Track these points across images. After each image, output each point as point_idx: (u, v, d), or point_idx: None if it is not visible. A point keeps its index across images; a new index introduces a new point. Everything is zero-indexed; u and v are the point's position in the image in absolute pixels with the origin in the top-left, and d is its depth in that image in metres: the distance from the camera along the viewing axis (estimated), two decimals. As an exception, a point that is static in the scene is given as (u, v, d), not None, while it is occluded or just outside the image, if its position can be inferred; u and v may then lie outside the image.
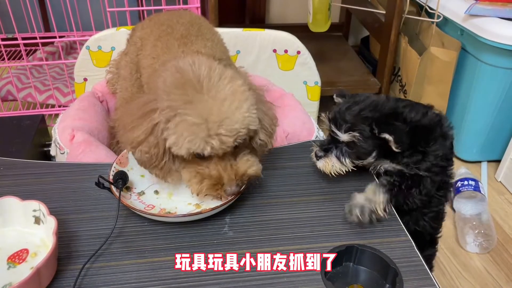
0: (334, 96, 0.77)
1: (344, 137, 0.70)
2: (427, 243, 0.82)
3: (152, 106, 0.64)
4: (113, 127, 1.02)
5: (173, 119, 0.61)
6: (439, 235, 0.85)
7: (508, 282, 1.15)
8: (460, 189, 1.33)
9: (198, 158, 0.64)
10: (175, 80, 0.64)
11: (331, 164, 0.71)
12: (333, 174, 0.72)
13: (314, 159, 0.73)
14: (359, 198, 0.68)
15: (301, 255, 0.62)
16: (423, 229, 0.78)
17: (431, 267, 0.77)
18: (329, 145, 0.72)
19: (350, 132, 0.69)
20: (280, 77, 1.24)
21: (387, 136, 0.67)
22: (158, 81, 0.67)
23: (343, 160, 0.71)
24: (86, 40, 1.20)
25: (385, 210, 0.67)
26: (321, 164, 0.72)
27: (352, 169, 0.72)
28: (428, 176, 0.70)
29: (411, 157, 0.70)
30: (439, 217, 0.81)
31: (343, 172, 0.72)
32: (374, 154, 0.71)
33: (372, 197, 0.68)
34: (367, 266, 0.64)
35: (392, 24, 1.46)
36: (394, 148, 0.68)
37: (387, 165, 0.72)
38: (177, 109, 0.61)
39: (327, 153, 0.72)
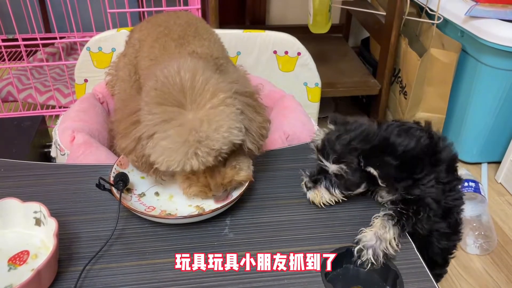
0: (328, 122, 0.73)
1: (332, 167, 0.67)
2: (437, 264, 0.79)
3: (137, 117, 0.65)
4: (112, 129, 1.02)
5: (152, 139, 0.62)
6: (452, 255, 0.81)
7: (508, 284, 1.15)
8: (460, 190, 1.33)
9: None
10: (156, 94, 0.64)
11: (320, 196, 0.70)
12: (322, 205, 0.71)
13: (304, 189, 0.71)
14: (369, 237, 0.63)
15: (301, 256, 0.62)
16: (435, 254, 0.75)
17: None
18: (319, 176, 0.70)
19: (337, 164, 0.67)
20: (280, 78, 1.24)
21: (372, 170, 0.65)
22: (144, 89, 0.68)
23: (333, 191, 0.70)
24: (86, 41, 1.20)
25: (397, 245, 0.63)
26: (311, 195, 0.71)
27: (342, 200, 0.70)
28: (428, 197, 0.66)
29: (402, 183, 0.66)
30: (451, 238, 0.76)
31: (333, 203, 0.71)
32: (363, 186, 0.69)
33: (382, 234, 0.63)
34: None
35: (393, 25, 1.46)
36: (380, 183, 0.66)
37: (384, 193, 0.70)
38: (156, 128, 0.62)
39: (316, 184, 0.70)
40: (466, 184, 1.33)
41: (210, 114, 0.62)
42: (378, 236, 0.63)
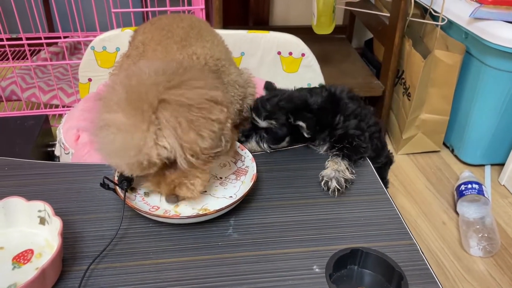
0: (263, 88, 0.91)
1: (262, 123, 0.82)
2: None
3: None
4: None
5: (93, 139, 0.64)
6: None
7: (511, 286, 1.14)
8: (463, 192, 1.33)
9: None
10: (104, 97, 0.64)
11: (249, 147, 0.82)
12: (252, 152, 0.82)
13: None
14: (328, 172, 0.76)
15: (306, 257, 0.62)
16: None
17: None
18: (250, 132, 0.84)
19: (268, 119, 0.81)
20: (284, 79, 1.24)
21: (301, 123, 0.80)
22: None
23: (262, 144, 0.83)
24: (90, 41, 1.20)
25: (352, 173, 0.77)
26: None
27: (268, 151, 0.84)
28: (350, 129, 0.83)
29: (325, 131, 0.83)
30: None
31: (261, 150, 0.84)
32: (287, 139, 0.84)
33: (337, 167, 0.77)
34: (372, 269, 0.63)
35: (397, 26, 1.46)
36: (305, 134, 0.81)
37: (319, 145, 0.85)
38: (94, 132, 0.63)
39: (248, 139, 0.84)
40: (469, 186, 1.33)
41: (128, 127, 0.60)
42: (334, 169, 0.76)
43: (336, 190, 0.74)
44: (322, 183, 0.75)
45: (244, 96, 0.90)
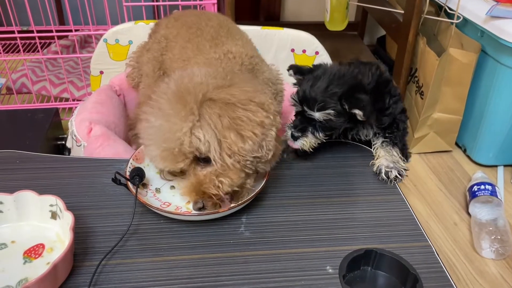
0: (292, 73, 0.81)
1: (317, 115, 0.74)
2: None
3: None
4: (131, 121, 1.02)
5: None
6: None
7: (524, 290, 1.13)
8: (476, 193, 1.31)
9: None
10: (157, 91, 0.65)
11: (309, 142, 0.76)
12: (310, 149, 0.77)
13: (290, 140, 0.77)
14: (385, 162, 0.75)
15: (319, 257, 0.61)
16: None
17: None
18: (303, 125, 0.76)
19: (323, 110, 0.73)
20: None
21: (357, 111, 0.72)
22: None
23: (318, 135, 0.76)
24: (101, 34, 1.20)
25: (404, 161, 0.77)
26: (300, 143, 0.76)
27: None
28: (397, 114, 0.79)
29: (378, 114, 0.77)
30: None
31: (317, 145, 0.78)
32: (343, 126, 0.78)
33: (392, 158, 0.75)
34: (386, 271, 0.62)
35: (411, 24, 1.44)
36: (360, 119, 0.74)
37: (365, 130, 0.81)
38: (143, 123, 0.65)
39: (304, 133, 0.76)
40: (482, 187, 1.31)
41: (172, 119, 0.61)
42: (390, 160, 0.75)
43: (396, 179, 0.73)
44: (383, 173, 0.74)
45: (276, 93, 0.89)
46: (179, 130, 0.60)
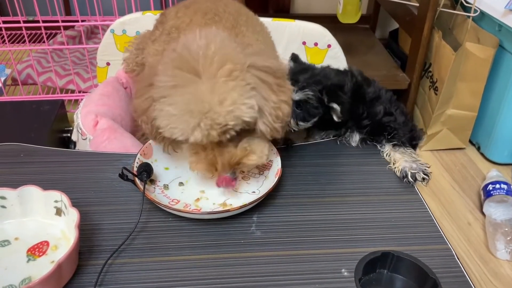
0: (288, 59, 0.85)
1: (297, 96, 0.74)
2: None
3: (153, 79, 0.62)
4: (136, 113, 0.99)
5: (159, 103, 0.60)
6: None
7: (539, 293, 1.10)
8: (491, 192, 1.27)
9: None
10: (171, 59, 0.61)
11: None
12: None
13: None
14: (407, 164, 0.73)
15: (333, 259, 0.59)
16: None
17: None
18: None
19: (304, 91, 0.74)
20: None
21: (335, 105, 0.74)
22: (165, 52, 0.66)
23: (295, 122, 0.76)
24: (107, 25, 1.17)
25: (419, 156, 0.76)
26: None
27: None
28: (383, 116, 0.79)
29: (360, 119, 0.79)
30: None
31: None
32: (315, 119, 0.77)
33: (409, 157, 0.74)
34: (403, 274, 0.60)
35: (426, 17, 1.39)
36: (335, 118, 0.75)
37: (352, 135, 0.80)
38: (164, 93, 0.59)
39: None
40: (497, 186, 1.27)
41: (215, 85, 0.58)
42: (409, 160, 0.73)
43: (423, 180, 0.72)
44: (409, 176, 0.72)
45: None
46: (232, 104, 0.57)
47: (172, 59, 0.61)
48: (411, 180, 0.72)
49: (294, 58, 0.86)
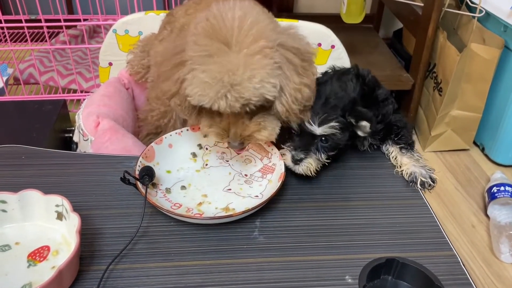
0: None
1: (319, 130, 0.67)
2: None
3: (181, 58, 0.64)
4: (141, 119, 0.98)
5: (192, 72, 0.62)
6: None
7: (544, 296, 1.09)
8: (495, 195, 1.26)
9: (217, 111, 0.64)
10: (204, 29, 0.62)
11: (314, 164, 0.68)
12: (314, 173, 0.69)
13: (291, 165, 0.69)
14: (418, 170, 0.71)
15: (337, 265, 0.58)
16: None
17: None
18: (304, 145, 0.68)
19: (326, 123, 0.67)
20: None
21: (364, 123, 0.68)
22: (194, 21, 0.66)
23: (319, 156, 0.69)
24: (110, 25, 1.16)
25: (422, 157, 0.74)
26: (305, 167, 0.68)
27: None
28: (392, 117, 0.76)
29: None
30: None
31: (319, 169, 0.70)
32: (347, 141, 0.71)
33: (417, 162, 0.72)
34: (408, 281, 0.59)
35: (431, 17, 1.38)
36: (361, 134, 0.70)
37: (365, 141, 0.77)
38: (197, 62, 0.61)
39: (307, 155, 0.68)
40: (502, 188, 1.26)
41: (248, 60, 0.60)
42: (417, 165, 0.71)
43: (430, 186, 0.71)
44: (418, 183, 0.70)
45: None
46: (259, 81, 0.60)
47: (204, 27, 0.62)
48: (419, 187, 0.71)
49: None
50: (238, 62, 0.59)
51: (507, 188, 1.25)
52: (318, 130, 0.67)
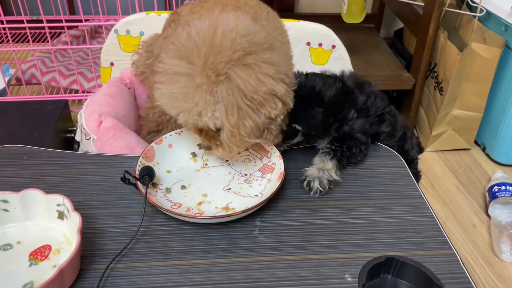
0: None
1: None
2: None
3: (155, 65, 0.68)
4: (142, 117, 0.98)
5: (155, 90, 0.66)
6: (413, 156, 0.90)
7: (545, 296, 1.09)
8: (496, 194, 1.26)
9: None
10: (173, 49, 0.64)
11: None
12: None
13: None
14: (312, 171, 0.70)
15: (337, 263, 0.58)
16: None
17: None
18: None
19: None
20: (312, 71, 1.18)
21: (297, 126, 0.71)
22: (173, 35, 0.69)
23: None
24: (111, 25, 1.17)
25: (336, 174, 0.71)
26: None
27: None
28: (356, 132, 0.75)
29: (331, 127, 0.75)
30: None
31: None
32: (299, 134, 0.75)
33: (322, 166, 0.71)
34: (408, 280, 0.59)
35: (431, 17, 1.38)
36: (304, 134, 0.73)
37: (319, 140, 0.77)
38: (158, 81, 0.64)
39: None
40: (503, 187, 1.27)
41: (195, 91, 0.62)
42: (319, 168, 0.70)
43: (318, 191, 0.69)
44: (305, 183, 0.70)
45: None
46: (204, 115, 0.63)
47: (171, 49, 0.64)
48: (305, 187, 0.70)
49: None
50: (188, 91, 0.62)
51: (508, 187, 1.25)
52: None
